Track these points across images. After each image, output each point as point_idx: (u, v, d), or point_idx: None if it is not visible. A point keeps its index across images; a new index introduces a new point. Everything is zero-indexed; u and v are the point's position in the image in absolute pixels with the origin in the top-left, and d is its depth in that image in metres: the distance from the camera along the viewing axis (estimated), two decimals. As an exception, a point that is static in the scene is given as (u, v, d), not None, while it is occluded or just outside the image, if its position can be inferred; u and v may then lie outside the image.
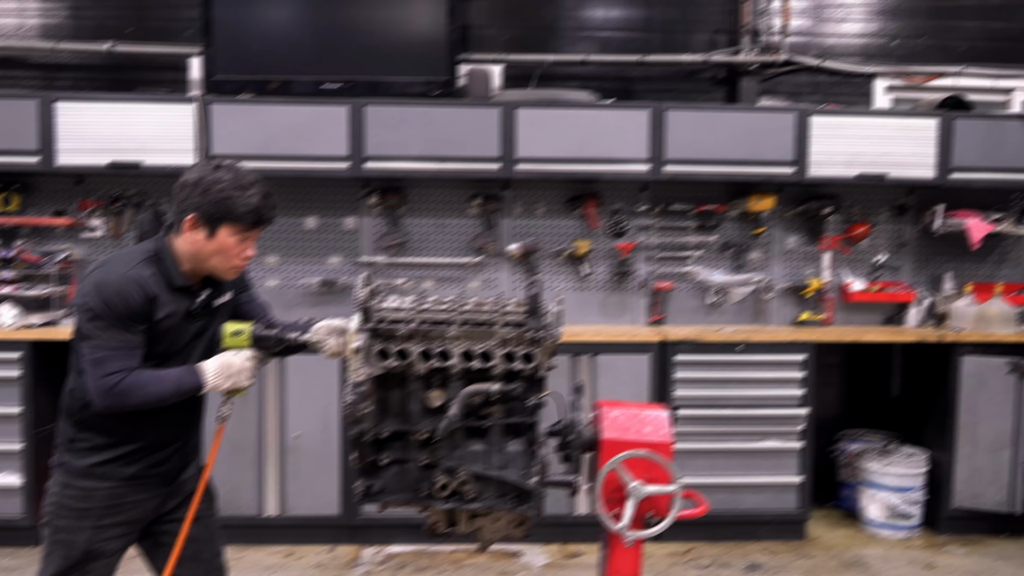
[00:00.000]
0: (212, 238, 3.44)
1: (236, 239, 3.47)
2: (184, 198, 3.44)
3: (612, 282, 7.51)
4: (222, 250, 3.47)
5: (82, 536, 3.46)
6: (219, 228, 3.43)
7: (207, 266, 3.52)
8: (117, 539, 3.54)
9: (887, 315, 7.72)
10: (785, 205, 7.56)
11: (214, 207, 3.40)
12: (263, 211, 3.48)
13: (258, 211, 3.46)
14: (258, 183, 3.50)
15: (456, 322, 3.26)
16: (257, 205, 3.45)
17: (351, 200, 7.35)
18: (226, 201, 3.40)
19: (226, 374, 3.47)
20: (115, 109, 6.70)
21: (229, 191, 3.41)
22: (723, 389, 6.69)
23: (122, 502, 3.52)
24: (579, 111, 6.90)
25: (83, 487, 3.46)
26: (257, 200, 3.46)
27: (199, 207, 3.41)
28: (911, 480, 6.93)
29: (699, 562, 6.43)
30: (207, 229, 3.43)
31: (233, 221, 3.43)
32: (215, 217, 3.41)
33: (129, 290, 3.32)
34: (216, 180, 3.42)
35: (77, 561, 3.47)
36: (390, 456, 3.30)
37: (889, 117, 7.18)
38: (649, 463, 3.27)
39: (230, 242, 3.46)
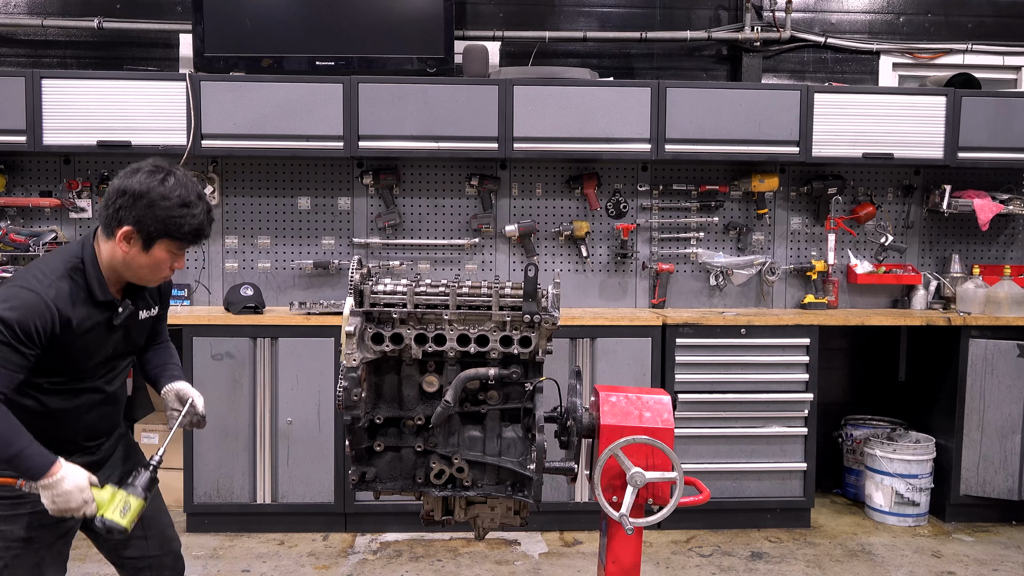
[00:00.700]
0: (146, 252, 3.32)
1: (168, 255, 3.36)
2: (122, 206, 3.28)
3: (612, 264, 7.50)
4: (155, 264, 3.36)
5: (20, 524, 3.37)
6: (156, 244, 3.31)
7: (135, 277, 3.42)
8: (57, 524, 3.42)
9: (893, 298, 7.71)
10: (789, 185, 7.56)
11: (156, 224, 3.27)
12: (204, 229, 3.37)
13: (200, 230, 3.35)
14: (203, 198, 3.37)
15: (452, 305, 3.24)
16: (199, 224, 3.34)
17: (345, 180, 7.33)
18: (170, 220, 3.27)
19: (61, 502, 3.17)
20: (104, 87, 6.66)
21: (174, 209, 3.27)
22: (726, 374, 6.67)
23: None
24: (578, 89, 6.87)
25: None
26: (200, 219, 3.34)
27: (139, 221, 3.26)
28: (918, 467, 6.93)
29: (701, 551, 6.43)
30: (142, 243, 3.30)
31: (172, 238, 3.31)
32: (154, 233, 3.28)
33: (39, 315, 3.18)
34: (163, 196, 3.25)
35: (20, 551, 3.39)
36: (384, 443, 3.29)
37: (895, 95, 7.15)
38: (650, 449, 3.25)
39: (164, 257, 3.35)
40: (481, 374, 3.18)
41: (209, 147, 6.68)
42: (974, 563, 6.27)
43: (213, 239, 7.16)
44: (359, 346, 3.18)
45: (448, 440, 3.28)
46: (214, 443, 6.48)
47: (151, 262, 3.34)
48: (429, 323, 3.23)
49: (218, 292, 7.25)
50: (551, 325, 3.19)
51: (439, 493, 3.31)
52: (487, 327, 3.22)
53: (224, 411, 6.46)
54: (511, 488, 3.31)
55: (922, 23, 8.07)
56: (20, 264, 6.99)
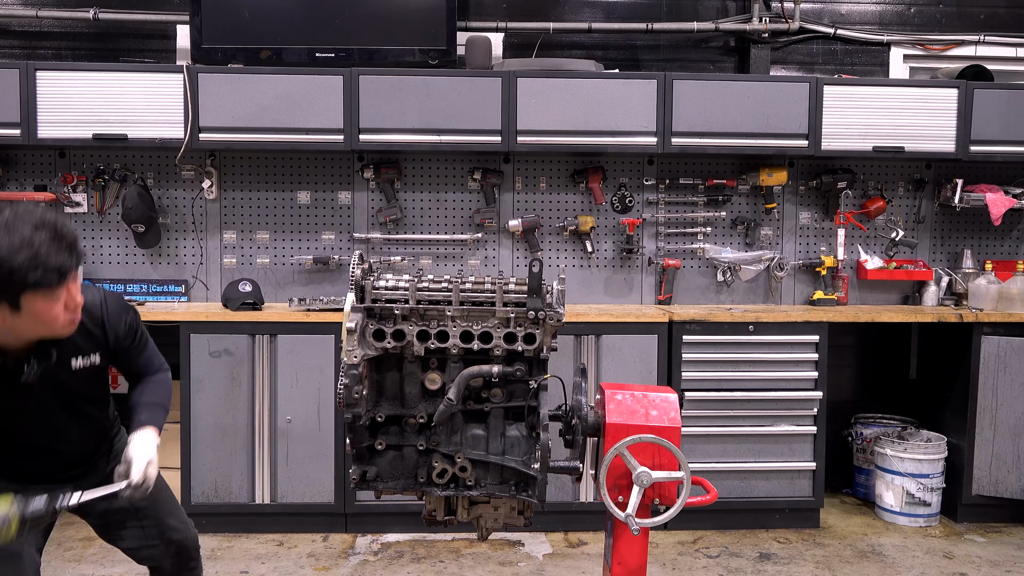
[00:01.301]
0: (18, 311, 2.97)
1: (48, 302, 3.00)
2: None
3: (617, 259, 7.49)
4: (39, 318, 3.02)
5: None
6: (21, 302, 2.96)
7: (37, 334, 3.13)
8: None
9: (904, 294, 7.71)
10: (798, 179, 7.55)
11: (2, 284, 2.90)
12: (62, 263, 2.97)
13: (57, 267, 2.95)
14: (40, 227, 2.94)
15: (455, 301, 3.24)
16: (52, 262, 2.94)
17: (345, 174, 7.32)
18: (11, 274, 2.88)
19: None
20: (99, 79, 6.66)
21: (12, 260, 2.87)
22: (733, 371, 6.67)
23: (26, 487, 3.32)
24: (583, 81, 6.86)
25: None
26: (49, 254, 2.92)
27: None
28: (929, 466, 6.92)
29: (708, 551, 6.43)
30: (8, 307, 2.96)
31: (33, 290, 2.94)
32: (10, 294, 2.93)
33: None
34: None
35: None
36: (386, 441, 3.29)
37: (906, 87, 7.13)
38: (656, 448, 3.25)
39: (43, 307, 3.00)
40: (484, 371, 3.17)
41: (207, 140, 6.68)
42: (986, 564, 6.26)
43: (211, 234, 7.17)
44: (360, 343, 3.17)
45: (451, 439, 3.28)
46: (212, 442, 6.47)
47: (33, 318, 3.03)
48: (432, 319, 3.23)
49: (216, 288, 7.25)
50: (556, 322, 3.19)
51: (441, 493, 3.31)
52: (491, 324, 3.22)
53: (222, 409, 6.46)
54: (515, 488, 3.31)
55: (933, 14, 8.05)
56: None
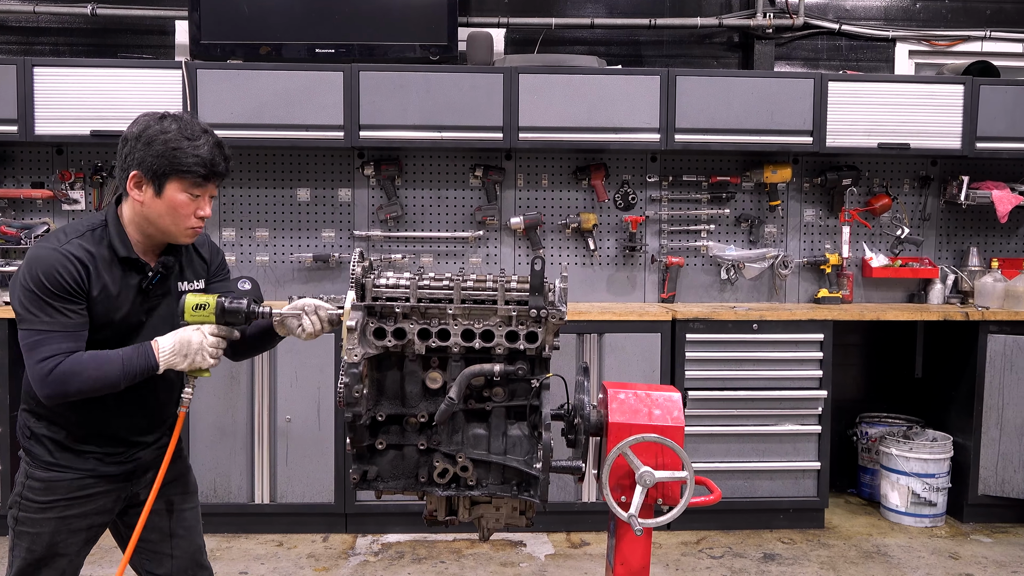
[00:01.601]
0: (160, 196, 3.25)
1: (187, 196, 3.28)
2: (127, 154, 3.28)
3: (620, 257, 7.49)
4: (172, 209, 3.27)
5: (46, 529, 3.37)
6: (167, 184, 3.24)
7: (159, 230, 3.34)
8: (85, 531, 3.45)
9: (909, 292, 7.70)
10: (802, 176, 7.55)
11: (159, 160, 3.21)
12: (215, 162, 3.29)
13: (209, 162, 3.27)
14: (208, 132, 3.33)
15: (456, 300, 3.23)
16: (208, 156, 3.27)
17: (345, 171, 7.32)
18: (173, 152, 3.21)
19: (183, 352, 3.24)
20: (97, 75, 6.66)
21: (176, 142, 3.22)
22: (737, 370, 6.66)
23: (87, 493, 3.42)
24: (586, 77, 6.86)
25: (45, 479, 3.37)
26: (207, 150, 3.27)
27: (143, 162, 3.23)
28: (935, 466, 6.91)
29: (712, 552, 6.43)
30: (154, 186, 3.24)
31: (182, 175, 3.24)
32: (161, 171, 3.22)
33: (61, 266, 3.15)
34: (161, 131, 3.24)
35: (41, 556, 3.38)
36: (387, 441, 3.28)
37: (912, 84, 7.13)
38: (659, 448, 3.24)
39: (180, 199, 3.27)
40: (486, 370, 3.16)
41: (206, 137, 6.66)
42: (992, 565, 6.26)
43: (210, 231, 7.14)
44: (361, 341, 3.16)
45: (452, 438, 3.27)
46: (210, 441, 6.47)
47: (168, 207, 3.26)
48: (433, 318, 3.22)
49: (215, 286, 7.23)
50: (558, 320, 3.18)
51: (442, 492, 3.29)
52: (492, 322, 3.21)
53: (221, 408, 6.46)
54: (517, 488, 3.30)
55: (939, 9, 8.04)
56: (12, 257, 7.00)
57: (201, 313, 3.27)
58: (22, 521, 3.40)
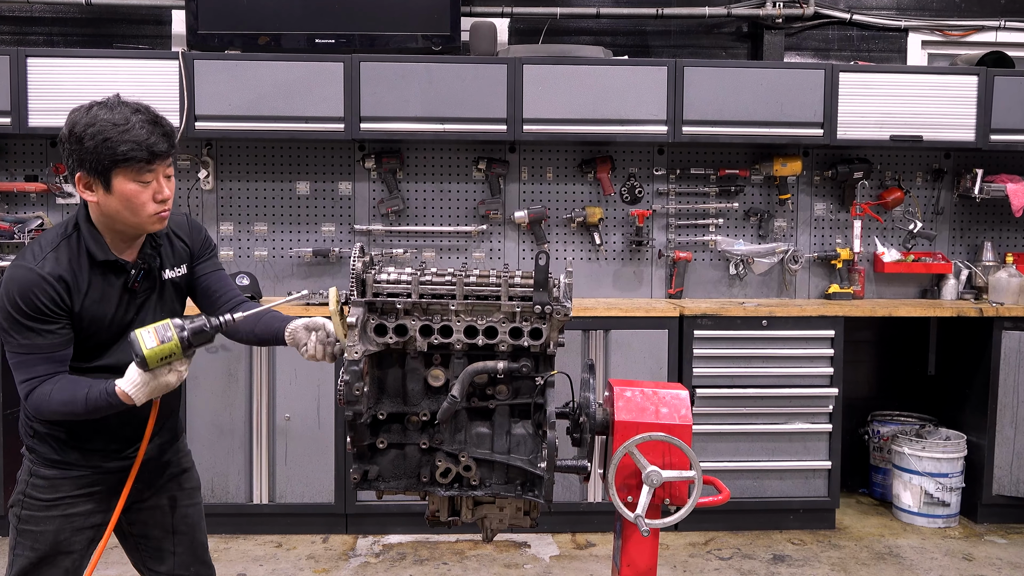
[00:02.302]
0: (110, 192, 3.16)
1: (136, 185, 3.16)
2: (66, 157, 3.20)
3: (627, 252, 7.48)
4: (127, 201, 3.17)
5: (50, 527, 3.38)
6: (112, 177, 3.14)
7: (125, 225, 3.25)
8: (89, 530, 3.46)
9: (922, 287, 7.68)
10: (813, 169, 7.54)
11: (95, 155, 3.11)
12: (152, 142, 3.14)
13: (147, 144, 3.13)
14: (139, 111, 3.18)
15: (459, 295, 3.23)
16: (143, 137, 3.12)
17: (346, 164, 7.32)
18: (105, 144, 3.09)
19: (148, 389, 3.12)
20: (92, 66, 6.65)
21: (105, 131, 3.09)
22: (746, 367, 6.66)
23: (92, 491, 3.44)
24: (591, 68, 6.84)
25: (49, 476, 3.39)
26: (141, 131, 3.13)
27: (82, 161, 3.14)
28: (948, 465, 6.91)
29: (720, 553, 6.43)
30: (101, 183, 3.15)
31: (122, 165, 3.12)
32: (102, 167, 3.12)
33: (39, 288, 3.12)
34: (88, 123, 3.12)
35: (45, 554, 3.39)
36: (388, 439, 3.28)
37: (924, 75, 7.11)
38: (666, 447, 3.24)
39: (131, 189, 3.16)
40: (489, 367, 3.16)
41: (203, 129, 6.67)
42: (1007, 566, 6.25)
43: (207, 225, 7.13)
44: (361, 338, 3.16)
45: (454, 437, 3.27)
46: (208, 440, 6.47)
47: (121, 200, 3.17)
48: (435, 314, 3.21)
49: (213, 281, 7.23)
50: (563, 316, 3.17)
51: (445, 492, 3.29)
52: (496, 318, 3.20)
53: (219, 407, 6.46)
54: (521, 487, 3.29)
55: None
56: (5, 252, 7.00)
57: (167, 360, 3.11)
58: (25, 520, 3.41)
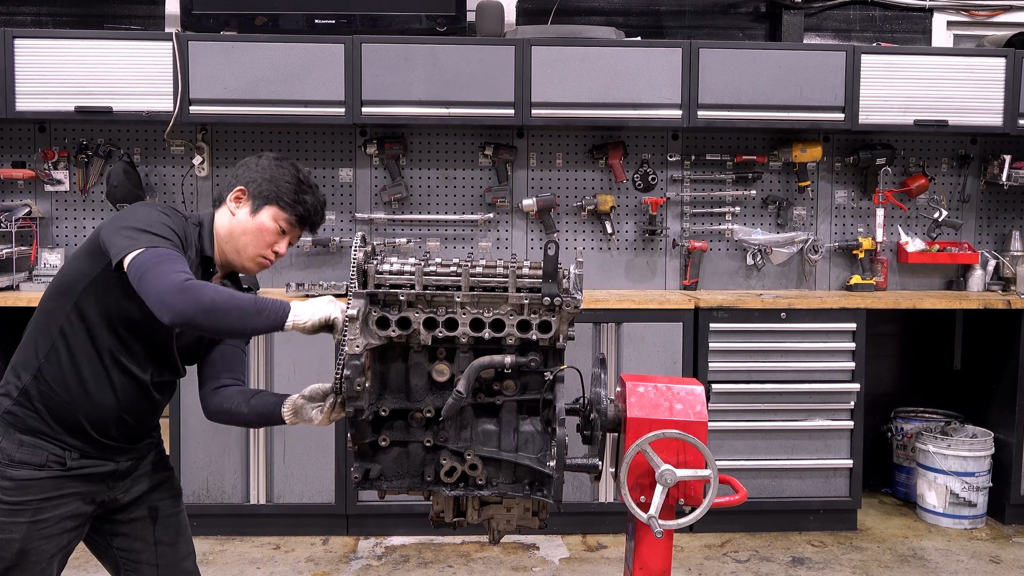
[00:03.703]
0: (253, 215, 3.55)
1: (275, 227, 3.56)
2: (241, 174, 3.62)
3: (639, 242, 7.48)
4: (258, 231, 3.55)
5: (17, 534, 3.33)
6: (264, 207, 3.56)
7: (236, 248, 3.59)
8: (58, 536, 3.41)
9: (948, 278, 7.67)
10: (834, 155, 7.52)
11: (269, 184, 3.56)
12: (314, 212, 3.65)
13: (311, 210, 3.63)
14: (319, 189, 3.72)
15: (464, 287, 3.22)
16: (311, 204, 3.63)
17: (347, 149, 7.32)
18: (285, 185, 3.57)
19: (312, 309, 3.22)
20: (82, 47, 6.64)
21: (291, 181, 3.60)
22: (764, 362, 6.66)
23: (63, 494, 3.40)
24: (603, 50, 6.83)
25: (17, 477, 3.33)
26: (312, 200, 3.64)
27: (252, 182, 3.58)
28: (975, 464, 6.90)
29: (737, 556, 6.43)
30: (252, 205, 3.56)
31: (283, 207, 3.56)
32: (266, 195, 3.56)
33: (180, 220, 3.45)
34: (283, 168, 3.63)
35: (12, 563, 3.35)
36: (390, 437, 3.27)
37: (950, 56, 7.10)
38: (681, 444, 3.24)
39: (270, 226, 3.55)
40: (496, 362, 3.15)
41: (198, 113, 6.67)
42: (1036, 570, 6.26)
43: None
44: (363, 331, 3.15)
45: (460, 434, 3.26)
46: (203, 438, 6.48)
47: (256, 227, 3.55)
48: (439, 306, 3.21)
49: (208, 272, 7.23)
50: (573, 309, 3.17)
51: (450, 492, 3.29)
52: (503, 311, 3.20)
53: (215, 402, 6.46)
54: (529, 487, 3.29)
55: (981, -24, 8.03)
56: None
57: None
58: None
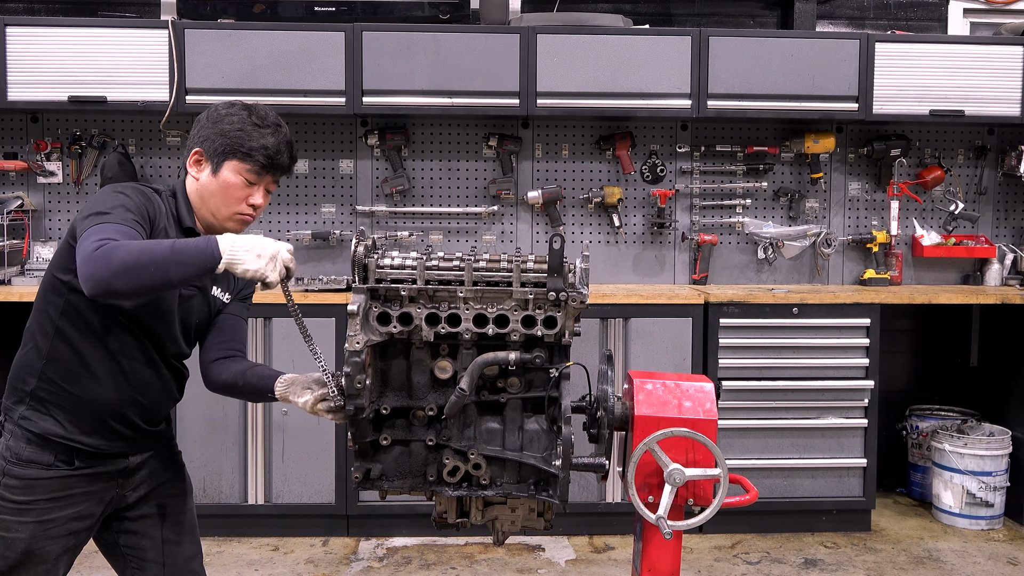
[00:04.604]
0: (215, 175, 3.42)
1: (241, 179, 3.42)
2: (194, 133, 3.47)
3: (648, 235, 7.47)
4: (224, 190, 3.42)
5: (23, 533, 3.33)
6: (224, 163, 3.41)
7: (209, 211, 3.48)
8: (65, 537, 3.41)
9: (964, 272, 7.66)
10: (847, 146, 7.51)
11: (223, 139, 3.39)
12: (278, 153, 3.44)
13: (273, 153, 3.43)
14: (281, 126, 3.50)
15: (467, 281, 3.22)
16: (272, 145, 3.42)
17: (347, 140, 7.31)
18: (237, 134, 3.39)
19: (256, 251, 3.20)
20: (76, 36, 6.63)
21: (243, 125, 3.41)
22: (775, 358, 6.65)
23: (70, 494, 3.39)
24: (610, 38, 6.83)
25: (24, 476, 3.33)
26: (273, 140, 3.43)
27: (206, 139, 3.42)
28: (992, 463, 6.89)
29: (748, 557, 6.42)
30: (212, 164, 3.42)
31: (241, 158, 3.40)
32: (221, 150, 3.40)
33: (149, 197, 3.36)
34: (231, 114, 3.44)
35: (16, 563, 3.35)
36: (392, 436, 3.27)
37: (967, 45, 7.10)
38: (690, 443, 3.23)
39: (235, 181, 3.41)
40: (500, 359, 3.15)
41: (194, 103, 6.64)
42: (1055, 572, 6.26)
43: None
44: (363, 327, 3.15)
45: (463, 433, 3.26)
46: (200, 437, 6.48)
47: (221, 186, 3.43)
48: (442, 301, 3.21)
49: (205, 267, 7.23)
50: (579, 303, 3.16)
51: (453, 492, 3.29)
52: (507, 306, 3.20)
53: (211, 400, 6.42)
54: (534, 487, 3.29)
55: (998, -38, 8.02)
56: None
57: None
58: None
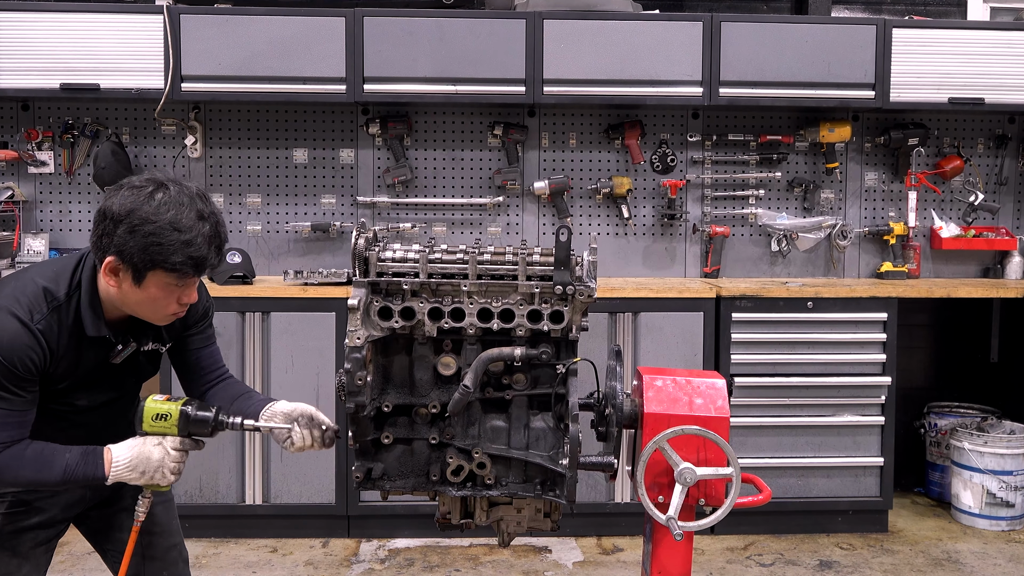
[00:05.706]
0: (139, 286, 3.12)
1: (167, 290, 3.17)
2: (103, 232, 3.10)
3: (658, 227, 7.47)
4: (152, 301, 3.18)
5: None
6: (147, 276, 3.11)
7: (138, 314, 3.26)
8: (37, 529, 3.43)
9: (984, 265, 7.66)
10: (863, 135, 7.50)
11: (140, 252, 3.06)
12: (205, 259, 3.15)
13: (199, 261, 3.14)
14: (204, 218, 3.15)
15: (471, 275, 3.22)
16: (198, 253, 3.12)
17: (348, 129, 7.31)
18: (155, 248, 3.05)
19: (140, 469, 3.19)
20: (68, 21, 6.65)
21: (164, 235, 3.05)
22: (790, 354, 6.64)
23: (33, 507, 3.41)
24: (619, 23, 6.82)
25: None
26: (199, 246, 3.11)
27: (122, 250, 3.06)
28: (1012, 462, 6.88)
29: (761, 559, 6.42)
30: (132, 276, 3.11)
31: (166, 270, 3.10)
32: (141, 264, 3.08)
33: (29, 348, 3.09)
34: (148, 217, 3.05)
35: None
36: (394, 434, 3.28)
37: (987, 31, 7.08)
38: (701, 441, 3.23)
39: (159, 293, 3.16)
40: (506, 354, 3.15)
41: (190, 90, 6.67)
42: (1078, 574, 6.26)
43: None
44: (364, 322, 3.15)
45: (467, 431, 3.27)
46: (197, 433, 6.48)
47: (147, 298, 3.16)
48: (445, 295, 3.21)
49: (201, 259, 7.23)
50: (587, 298, 3.17)
51: (457, 493, 3.29)
52: (512, 300, 3.20)
53: (209, 397, 6.47)
54: (540, 487, 3.29)
55: (1020, -55, 8.00)
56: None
57: (162, 424, 3.24)
58: None
